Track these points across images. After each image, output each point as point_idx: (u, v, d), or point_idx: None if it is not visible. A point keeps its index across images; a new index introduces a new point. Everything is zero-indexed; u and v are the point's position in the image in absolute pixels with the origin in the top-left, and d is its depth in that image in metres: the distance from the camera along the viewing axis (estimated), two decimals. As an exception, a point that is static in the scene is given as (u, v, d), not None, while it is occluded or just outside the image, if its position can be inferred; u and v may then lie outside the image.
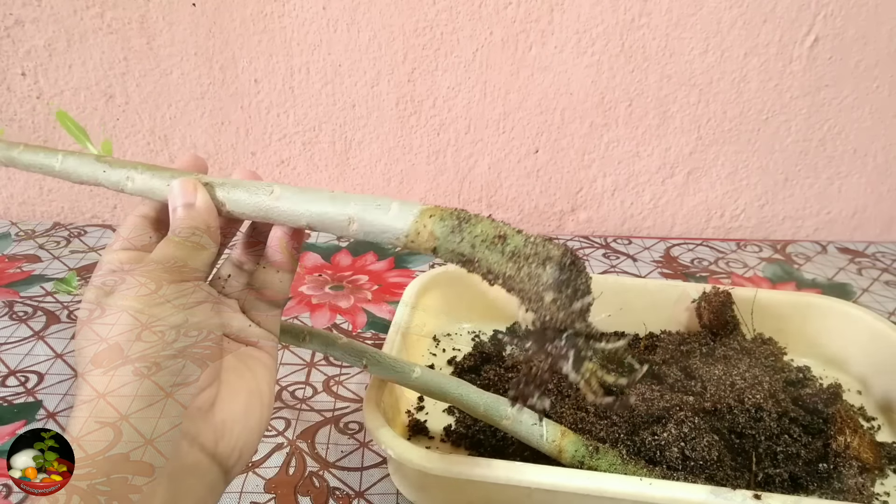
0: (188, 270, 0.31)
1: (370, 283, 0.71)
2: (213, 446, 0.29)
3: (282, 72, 0.76)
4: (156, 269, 0.30)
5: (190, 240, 0.32)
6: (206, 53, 0.75)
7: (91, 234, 0.81)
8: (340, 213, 0.31)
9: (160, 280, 0.30)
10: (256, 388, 0.32)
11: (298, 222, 0.32)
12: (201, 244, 0.32)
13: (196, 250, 0.32)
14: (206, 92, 0.77)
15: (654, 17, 0.73)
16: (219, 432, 0.29)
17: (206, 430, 0.29)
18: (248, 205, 0.33)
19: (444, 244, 0.28)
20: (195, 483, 0.28)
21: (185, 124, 0.79)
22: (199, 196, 0.33)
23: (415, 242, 0.29)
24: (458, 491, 0.41)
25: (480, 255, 0.27)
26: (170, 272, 0.30)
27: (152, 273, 0.30)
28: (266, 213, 0.33)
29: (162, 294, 0.29)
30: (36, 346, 0.59)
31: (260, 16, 0.73)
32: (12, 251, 0.76)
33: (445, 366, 0.56)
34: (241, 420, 0.31)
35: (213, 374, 0.30)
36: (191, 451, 0.28)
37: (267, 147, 0.81)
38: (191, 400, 0.28)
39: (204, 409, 0.29)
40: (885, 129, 0.80)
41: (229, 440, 0.30)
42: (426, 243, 0.28)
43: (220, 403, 0.30)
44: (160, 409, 0.27)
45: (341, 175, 0.83)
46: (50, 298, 0.67)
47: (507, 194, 0.84)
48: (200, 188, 0.33)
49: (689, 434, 0.42)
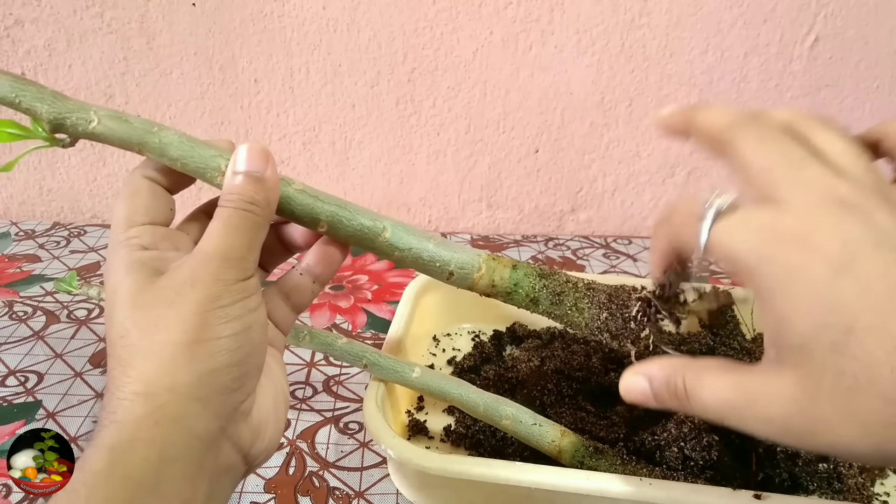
0: (250, 262, 0.28)
1: (370, 283, 0.71)
2: (248, 448, 0.29)
3: (282, 72, 0.76)
4: (218, 266, 0.27)
5: (251, 215, 0.28)
6: (206, 53, 0.75)
7: (91, 233, 0.81)
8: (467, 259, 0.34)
9: (223, 280, 0.27)
10: (280, 387, 0.32)
11: (402, 263, 0.33)
12: (261, 223, 0.29)
13: (257, 233, 0.29)
14: (206, 92, 0.77)
15: (654, 17, 0.73)
16: (255, 434, 0.29)
17: (246, 433, 0.29)
18: (353, 226, 0.32)
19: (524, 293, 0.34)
20: (227, 482, 0.29)
21: (185, 124, 0.79)
22: (269, 169, 0.29)
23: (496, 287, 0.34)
24: (458, 491, 0.41)
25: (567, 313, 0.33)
26: (232, 268, 0.27)
27: (213, 271, 0.27)
28: (372, 243, 0.32)
29: (227, 297, 0.27)
30: (36, 346, 0.59)
31: (260, 16, 0.73)
32: (12, 251, 0.76)
33: (445, 366, 0.56)
34: (273, 420, 0.30)
35: (259, 377, 0.30)
36: (231, 452, 0.28)
37: (266, 147, 0.81)
38: (240, 404, 0.28)
39: (246, 413, 0.29)
40: (886, 128, 0.79)
41: (261, 442, 0.30)
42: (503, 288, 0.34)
43: (256, 405, 0.29)
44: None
45: (341, 175, 0.83)
46: (50, 298, 0.67)
47: (507, 194, 0.84)
48: (272, 159, 0.29)
49: (689, 434, 0.42)
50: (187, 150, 0.30)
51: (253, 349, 0.28)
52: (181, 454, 0.25)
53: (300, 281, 0.34)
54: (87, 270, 0.72)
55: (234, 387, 0.27)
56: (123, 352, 0.26)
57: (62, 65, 0.75)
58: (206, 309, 0.26)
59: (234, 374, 0.27)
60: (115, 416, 0.25)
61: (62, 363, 0.57)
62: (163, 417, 0.25)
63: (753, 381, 0.24)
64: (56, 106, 0.29)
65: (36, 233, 0.80)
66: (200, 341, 0.26)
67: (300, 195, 0.31)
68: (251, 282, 0.28)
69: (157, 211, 0.30)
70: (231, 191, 0.29)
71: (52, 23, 0.73)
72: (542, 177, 0.83)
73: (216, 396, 0.27)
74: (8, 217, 0.85)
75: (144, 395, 0.25)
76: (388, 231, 0.32)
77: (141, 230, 0.29)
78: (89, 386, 0.54)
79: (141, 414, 0.25)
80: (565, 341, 0.57)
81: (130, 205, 0.30)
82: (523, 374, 0.50)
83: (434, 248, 0.33)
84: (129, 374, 0.26)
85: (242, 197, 0.28)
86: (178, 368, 0.26)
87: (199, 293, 0.26)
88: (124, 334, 0.26)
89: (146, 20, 0.73)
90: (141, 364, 0.26)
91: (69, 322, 0.63)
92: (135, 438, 0.24)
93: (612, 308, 0.32)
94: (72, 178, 0.83)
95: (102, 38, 0.74)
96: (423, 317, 0.56)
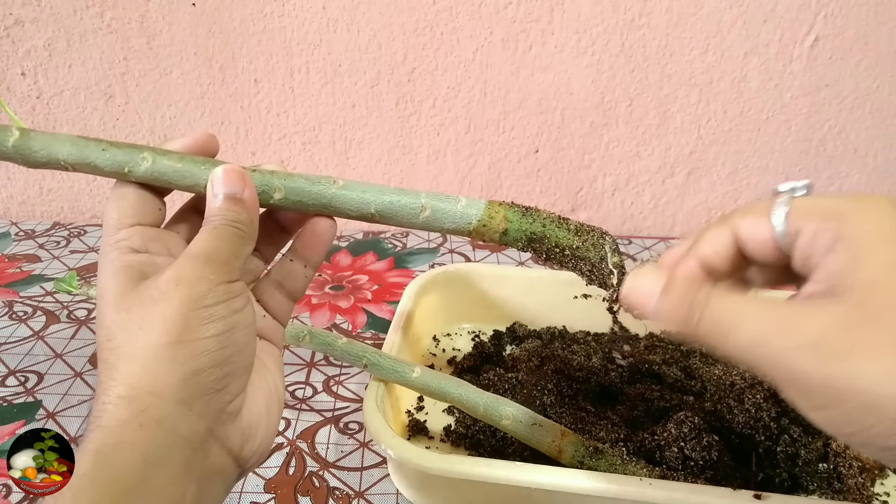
0: (235, 267, 0.29)
1: (370, 283, 0.71)
2: (239, 450, 0.29)
3: (282, 72, 0.76)
4: (203, 266, 0.27)
5: (236, 230, 0.29)
6: (206, 53, 0.75)
7: (91, 233, 0.81)
8: (412, 201, 0.32)
9: (207, 280, 0.27)
10: (273, 385, 0.32)
11: (366, 210, 0.32)
12: (245, 237, 0.29)
13: (243, 244, 0.29)
14: (205, 92, 0.77)
15: (654, 17, 0.73)
16: (245, 435, 0.29)
17: (235, 434, 0.29)
18: (307, 193, 0.32)
19: (517, 225, 0.33)
20: (218, 485, 0.28)
21: (185, 124, 0.79)
22: (246, 189, 0.30)
23: (487, 226, 0.33)
24: (458, 491, 0.41)
25: (550, 232, 0.33)
26: (217, 270, 0.28)
27: (198, 270, 0.27)
28: (329, 201, 0.32)
29: (211, 297, 0.27)
30: (36, 346, 0.59)
31: (260, 15, 0.73)
32: (12, 251, 0.76)
33: (445, 366, 0.56)
34: (264, 422, 0.30)
35: (247, 378, 0.30)
36: (220, 454, 0.28)
37: (267, 147, 0.81)
38: (226, 405, 0.28)
39: (234, 414, 0.29)
40: (885, 129, 0.80)
41: (252, 443, 0.30)
42: (498, 226, 0.33)
43: (246, 406, 0.29)
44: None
45: (341, 175, 0.83)
46: (50, 298, 0.67)
47: (507, 194, 0.84)
48: (248, 179, 0.30)
49: (689, 434, 0.42)
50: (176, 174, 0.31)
51: (237, 350, 0.28)
52: (166, 456, 0.25)
53: (291, 267, 0.34)
54: (87, 270, 0.72)
55: (219, 388, 0.27)
56: (109, 355, 0.27)
57: (62, 65, 0.75)
58: (189, 309, 0.26)
59: (218, 374, 0.27)
60: (101, 420, 0.25)
61: (62, 363, 0.57)
62: (147, 421, 0.25)
63: (791, 305, 0.23)
64: None
65: (36, 233, 0.80)
66: (183, 342, 0.26)
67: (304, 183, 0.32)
68: (236, 285, 0.28)
69: (145, 212, 0.31)
70: (214, 213, 0.29)
71: (52, 23, 0.73)
72: (542, 177, 0.83)
73: (200, 398, 0.27)
74: (8, 217, 0.85)
75: (128, 399, 0.25)
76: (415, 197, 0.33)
77: (130, 232, 0.29)
78: (89, 386, 0.54)
79: (125, 417, 0.25)
80: (565, 341, 0.57)
81: (118, 207, 0.30)
82: (523, 374, 0.50)
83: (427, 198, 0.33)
84: (114, 378, 0.26)
85: (225, 218, 0.29)
86: (161, 371, 0.26)
87: (183, 292, 0.27)
88: (110, 337, 0.27)
89: (146, 20, 0.73)
90: (125, 367, 0.26)
91: (69, 322, 0.63)
92: (119, 442, 0.25)
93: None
94: (72, 178, 0.83)
95: (102, 38, 0.74)
96: (423, 317, 0.56)
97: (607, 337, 0.58)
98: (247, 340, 0.29)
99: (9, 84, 0.76)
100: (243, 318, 0.28)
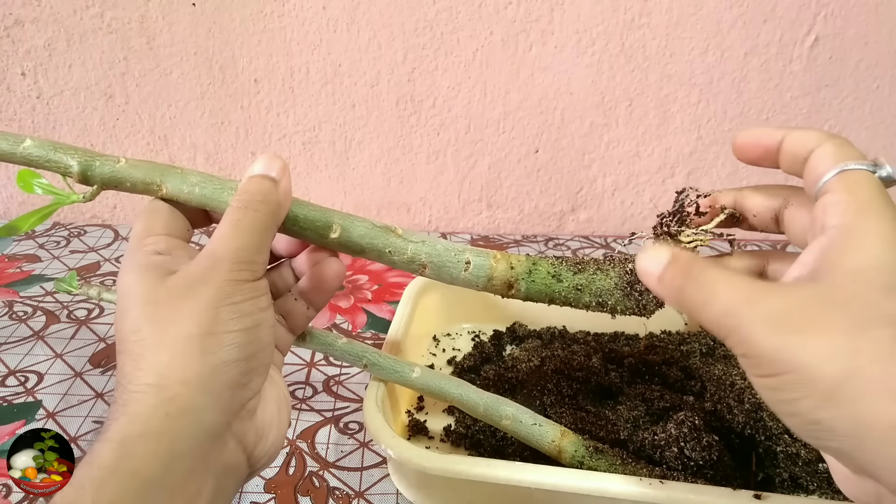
0: (259, 265, 0.29)
1: (370, 283, 0.71)
2: (252, 448, 0.29)
3: (282, 72, 0.76)
4: (228, 268, 0.28)
5: (259, 215, 0.29)
6: (206, 53, 0.75)
7: (91, 233, 0.81)
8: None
9: (235, 281, 0.28)
10: (282, 394, 0.33)
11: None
12: (268, 225, 0.30)
13: (265, 234, 0.29)
14: (205, 92, 0.77)
15: (654, 17, 0.73)
16: (259, 435, 0.30)
17: (251, 432, 0.29)
18: (365, 237, 0.33)
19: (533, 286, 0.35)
20: (231, 482, 0.29)
21: (184, 124, 0.79)
22: (285, 178, 0.31)
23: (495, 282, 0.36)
24: (458, 491, 0.41)
25: (562, 287, 0.34)
26: (243, 270, 0.28)
27: (225, 274, 0.28)
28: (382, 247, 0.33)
29: (239, 294, 0.28)
30: (36, 345, 0.59)
31: (260, 16, 0.73)
32: (12, 251, 0.76)
33: (445, 366, 0.56)
34: (276, 424, 0.31)
35: (265, 378, 0.30)
36: (236, 451, 0.28)
37: (267, 147, 0.81)
38: (247, 401, 0.28)
39: (252, 412, 0.29)
40: (885, 129, 0.80)
41: (264, 444, 0.30)
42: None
43: (260, 407, 0.30)
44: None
45: (341, 175, 0.83)
46: (50, 298, 0.67)
47: (507, 194, 0.84)
48: (288, 172, 0.31)
49: (689, 434, 0.42)
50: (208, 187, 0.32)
51: (261, 347, 0.29)
52: (189, 448, 0.26)
53: (294, 306, 0.35)
54: (87, 270, 0.72)
55: (243, 381, 0.28)
56: (136, 346, 0.27)
57: (62, 65, 0.75)
58: (218, 304, 0.27)
59: (243, 368, 0.28)
60: (127, 408, 0.25)
61: (62, 363, 0.57)
62: (174, 409, 0.25)
63: (768, 283, 0.24)
64: (85, 155, 0.33)
65: (36, 233, 0.80)
66: (212, 334, 0.27)
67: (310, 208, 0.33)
68: (262, 282, 0.29)
69: (174, 226, 0.32)
70: (245, 189, 0.30)
71: (52, 23, 0.73)
72: (542, 177, 0.83)
73: (226, 390, 0.27)
74: (8, 217, 0.85)
75: (157, 387, 0.26)
76: (401, 231, 0.34)
77: (157, 238, 0.31)
78: (89, 386, 0.54)
79: (153, 404, 0.25)
80: (565, 341, 0.57)
81: (149, 219, 0.31)
82: (523, 374, 0.50)
83: (444, 243, 0.35)
84: (141, 367, 0.26)
85: (254, 195, 0.29)
86: (191, 360, 0.26)
87: (212, 291, 0.27)
88: (137, 330, 0.27)
89: (146, 20, 0.73)
90: (154, 357, 0.26)
91: (69, 322, 0.63)
92: (145, 432, 0.25)
93: (633, 259, 0.34)
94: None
95: (102, 38, 0.74)
96: (423, 317, 0.56)
97: (607, 337, 0.58)
98: (269, 339, 0.30)
99: (9, 84, 0.76)
100: (267, 317, 0.29)
